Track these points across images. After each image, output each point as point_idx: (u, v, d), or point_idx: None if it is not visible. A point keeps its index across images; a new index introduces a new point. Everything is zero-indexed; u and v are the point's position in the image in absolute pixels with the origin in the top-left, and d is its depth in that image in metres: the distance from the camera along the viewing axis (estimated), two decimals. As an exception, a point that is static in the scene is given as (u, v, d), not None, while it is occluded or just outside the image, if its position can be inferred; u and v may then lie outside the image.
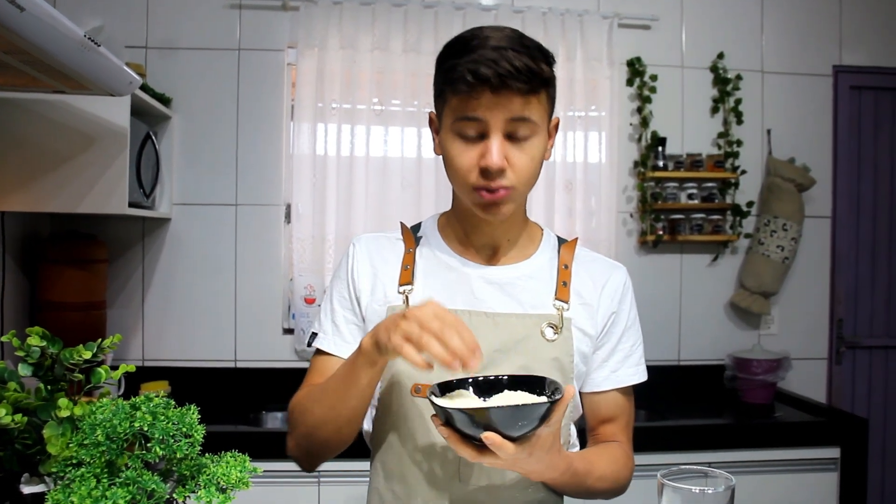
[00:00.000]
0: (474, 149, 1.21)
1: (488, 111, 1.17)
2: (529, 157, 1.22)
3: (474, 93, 1.17)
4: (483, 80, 1.15)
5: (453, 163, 1.24)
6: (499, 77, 1.14)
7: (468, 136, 1.21)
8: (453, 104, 1.21)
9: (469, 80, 1.16)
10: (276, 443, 2.55)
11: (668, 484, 0.95)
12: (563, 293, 1.34)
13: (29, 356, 1.09)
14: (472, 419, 1.00)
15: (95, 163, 2.47)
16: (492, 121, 1.18)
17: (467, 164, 1.22)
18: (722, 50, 3.33)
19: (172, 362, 3.10)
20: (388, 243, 1.41)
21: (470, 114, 1.19)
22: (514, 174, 1.21)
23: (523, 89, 1.17)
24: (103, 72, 1.89)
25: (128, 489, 0.93)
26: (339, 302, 1.39)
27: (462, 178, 1.23)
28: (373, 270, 1.37)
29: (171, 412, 1.00)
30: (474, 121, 1.19)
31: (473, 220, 1.34)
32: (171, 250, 3.12)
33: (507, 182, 1.21)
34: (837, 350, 3.44)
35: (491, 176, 1.20)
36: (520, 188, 1.24)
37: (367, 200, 3.07)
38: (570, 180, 3.17)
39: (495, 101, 1.17)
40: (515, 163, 1.21)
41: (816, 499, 2.75)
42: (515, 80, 1.15)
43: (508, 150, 1.20)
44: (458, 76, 1.17)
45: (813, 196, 3.37)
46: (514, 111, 1.18)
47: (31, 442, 1.06)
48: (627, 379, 1.40)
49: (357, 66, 3.09)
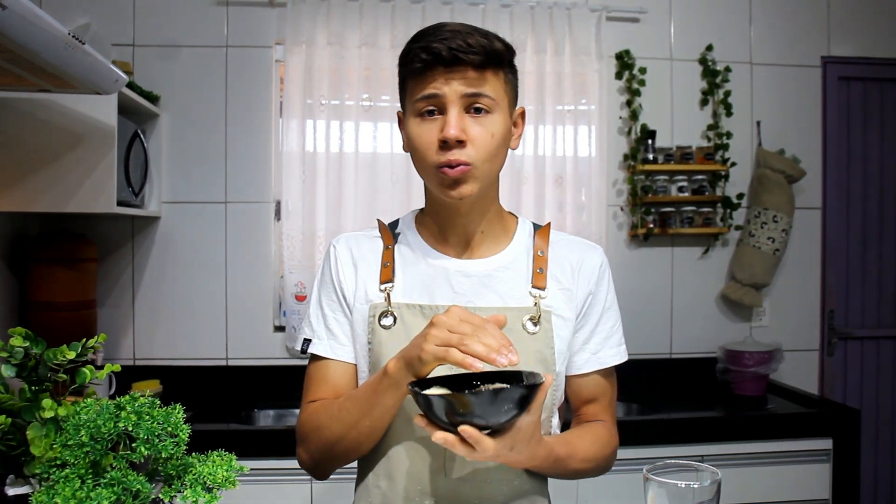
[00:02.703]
0: (434, 125, 1.24)
1: (443, 85, 1.21)
2: (489, 132, 1.24)
3: (429, 71, 1.22)
4: (435, 55, 1.20)
5: (415, 143, 1.26)
6: (450, 51, 1.20)
7: (427, 114, 1.24)
8: (411, 87, 1.26)
9: (423, 58, 1.21)
10: (268, 441, 2.56)
11: (654, 479, 0.95)
12: (540, 280, 1.34)
13: (12, 357, 1.08)
14: (451, 406, 0.99)
15: (83, 162, 2.46)
16: (448, 94, 1.22)
17: (427, 141, 1.24)
18: (711, 42, 3.33)
19: (163, 361, 3.09)
20: (366, 242, 1.41)
21: (427, 91, 1.22)
22: (473, 149, 1.23)
23: (476, 62, 1.21)
24: (89, 70, 1.88)
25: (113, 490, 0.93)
26: (329, 306, 1.39)
27: (424, 157, 1.25)
28: (355, 269, 1.37)
29: (156, 412, 1.00)
30: (431, 98, 1.23)
31: (446, 213, 1.34)
32: (160, 249, 3.11)
33: (466, 157, 1.22)
34: (829, 341, 3.45)
35: (449, 148, 1.21)
36: (480, 165, 1.24)
37: (357, 196, 3.06)
38: (560, 174, 3.17)
39: (449, 76, 1.22)
40: (474, 137, 1.23)
41: (809, 490, 2.75)
42: (467, 53, 1.20)
43: (467, 123, 1.23)
44: (412, 57, 1.23)
45: (803, 187, 3.38)
46: (468, 84, 1.22)
47: (16, 443, 1.06)
48: (609, 360, 1.41)
49: (345, 62, 3.08)
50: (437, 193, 1.29)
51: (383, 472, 1.31)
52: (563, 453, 1.24)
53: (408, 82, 1.28)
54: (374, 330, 1.31)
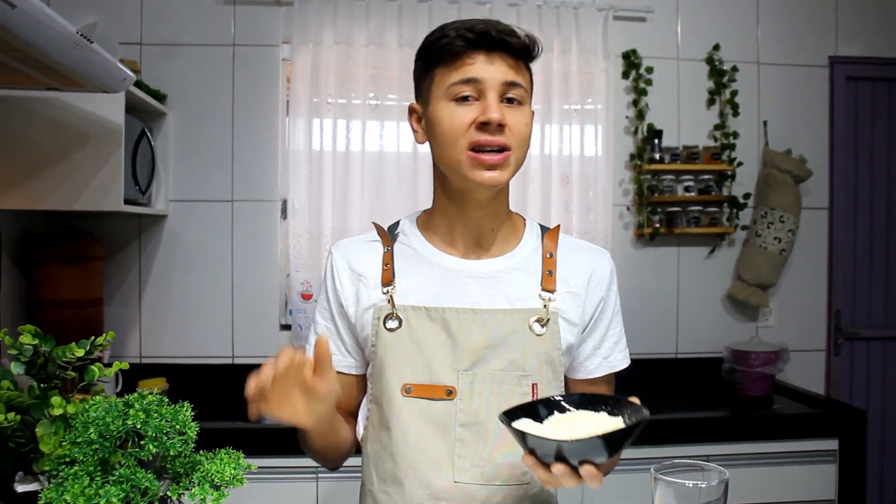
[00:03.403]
0: (469, 109, 1.23)
1: (485, 72, 1.22)
2: (524, 124, 1.25)
3: (470, 52, 1.22)
4: (480, 35, 1.21)
5: (446, 126, 1.24)
6: (498, 32, 1.21)
7: (465, 96, 1.23)
8: (447, 74, 1.24)
9: (468, 37, 1.21)
10: (274, 439, 2.56)
11: (662, 478, 0.95)
12: (549, 282, 1.33)
13: (21, 354, 1.09)
14: (582, 448, 0.95)
15: (91, 160, 2.47)
16: (489, 79, 1.22)
17: (462, 123, 1.23)
18: (717, 41, 3.32)
19: (170, 359, 3.10)
20: (365, 246, 1.40)
21: (468, 75, 1.22)
22: (511, 136, 1.23)
23: (518, 47, 1.23)
24: (97, 68, 1.88)
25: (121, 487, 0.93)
26: (320, 314, 1.41)
27: (456, 139, 1.23)
28: (354, 276, 1.36)
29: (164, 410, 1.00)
30: (471, 82, 1.22)
31: (458, 210, 1.33)
32: (167, 247, 3.11)
33: (506, 140, 1.23)
34: (835, 341, 3.44)
35: (490, 130, 1.21)
36: (516, 152, 1.25)
37: (364, 195, 3.07)
38: (566, 174, 3.16)
39: (491, 58, 1.22)
40: (512, 124, 1.23)
41: (815, 490, 2.75)
42: (511, 36, 1.21)
43: (504, 110, 1.23)
44: (449, 42, 1.22)
45: (810, 187, 3.37)
46: (508, 72, 1.23)
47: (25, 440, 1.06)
48: (618, 364, 1.42)
49: (352, 61, 3.08)
50: (461, 183, 1.27)
51: (390, 477, 1.31)
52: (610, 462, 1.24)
53: (436, 69, 1.26)
54: (379, 332, 1.31)
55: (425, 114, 1.30)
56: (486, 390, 1.27)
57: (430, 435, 1.27)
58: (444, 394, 1.27)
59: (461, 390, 1.27)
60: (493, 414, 1.27)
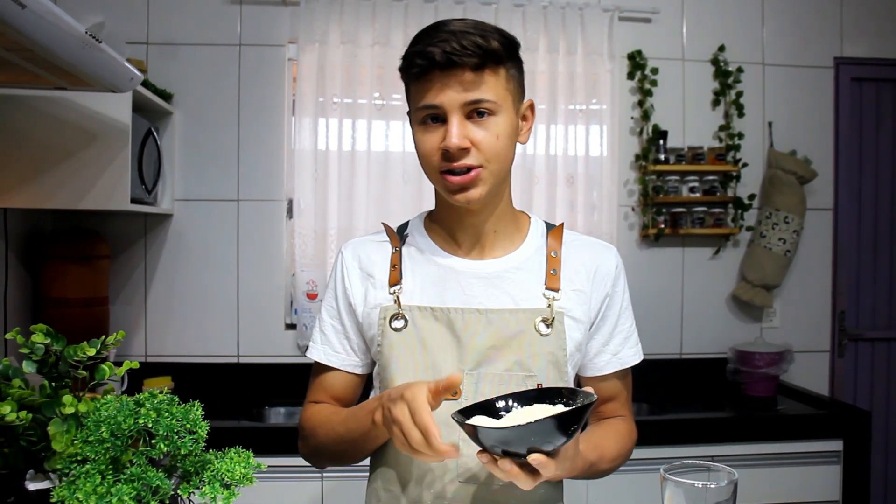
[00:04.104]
0: (437, 133, 1.23)
1: (441, 93, 1.20)
2: (493, 135, 1.23)
3: (426, 76, 1.21)
4: (430, 59, 1.19)
5: (420, 150, 1.27)
6: (445, 55, 1.18)
7: (429, 122, 1.24)
8: (412, 93, 1.26)
9: (418, 63, 1.20)
10: (279, 438, 2.57)
11: (671, 479, 0.96)
12: (553, 281, 1.34)
13: (33, 353, 1.09)
14: (521, 435, 0.97)
15: (97, 159, 2.48)
16: (446, 103, 1.20)
17: (429, 149, 1.24)
18: (723, 42, 3.32)
19: (175, 358, 3.10)
20: (374, 246, 1.41)
21: (427, 102, 1.22)
22: (479, 152, 1.22)
23: (471, 64, 1.19)
24: (104, 68, 1.89)
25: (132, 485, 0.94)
26: (328, 312, 1.41)
27: (428, 163, 1.26)
28: (364, 275, 1.38)
29: (174, 409, 1.01)
30: (431, 108, 1.22)
31: (456, 215, 1.34)
32: (173, 246, 3.12)
33: (473, 160, 1.22)
34: (840, 342, 3.44)
35: (452, 157, 1.21)
36: (488, 167, 1.24)
37: (369, 195, 3.07)
38: (571, 174, 3.17)
39: (445, 82, 1.20)
40: (479, 141, 1.22)
41: (820, 491, 2.75)
42: (462, 55, 1.18)
43: (470, 129, 1.22)
44: (409, 62, 1.23)
45: (814, 188, 3.37)
46: (466, 90, 1.20)
47: (36, 439, 1.07)
48: (629, 360, 1.42)
49: (358, 60, 3.08)
50: (445, 197, 1.30)
51: (393, 476, 1.32)
52: (594, 458, 1.25)
53: (410, 87, 1.28)
54: (385, 332, 1.31)
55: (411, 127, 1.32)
56: (492, 390, 1.27)
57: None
58: (449, 394, 1.27)
59: (466, 390, 1.27)
60: None
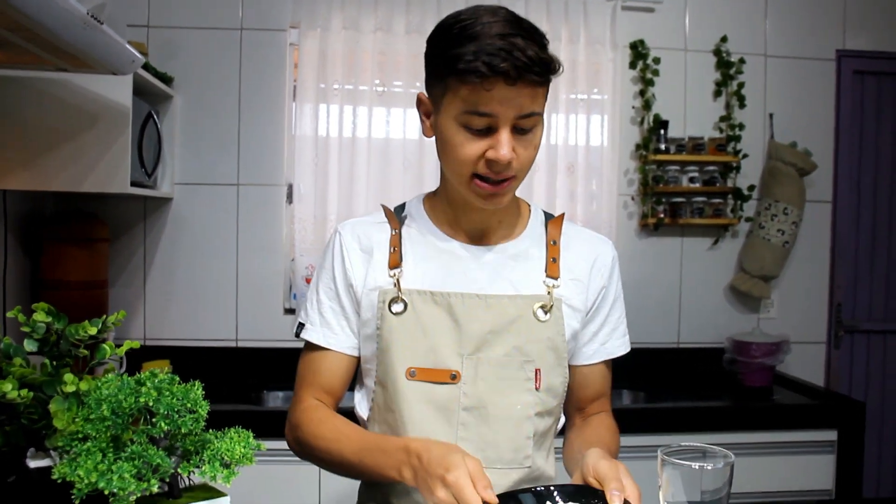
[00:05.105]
0: (481, 141, 1.19)
1: (500, 105, 1.15)
2: (533, 147, 1.23)
3: (486, 84, 1.13)
4: (499, 72, 1.12)
5: (456, 152, 1.22)
6: (516, 69, 1.12)
7: (475, 128, 1.19)
8: (461, 94, 1.17)
9: (483, 72, 1.12)
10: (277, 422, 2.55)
11: (669, 461, 0.96)
12: (553, 269, 1.35)
13: (35, 332, 1.10)
14: None
15: (98, 142, 2.47)
16: (503, 115, 1.16)
17: (472, 156, 1.20)
18: (725, 33, 3.32)
19: (174, 341, 3.11)
20: (373, 226, 1.40)
21: (482, 109, 1.16)
22: (517, 164, 1.21)
23: (538, 81, 1.16)
24: (106, 50, 1.88)
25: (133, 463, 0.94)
26: (325, 293, 1.38)
27: (462, 167, 1.22)
28: (364, 256, 1.36)
29: (175, 388, 1.01)
30: (485, 116, 1.17)
31: (463, 204, 1.33)
32: (172, 230, 3.12)
33: (511, 171, 1.22)
34: (836, 334, 3.46)
35: (498, 168, 1.20)
36: (520, 177, 1.25)
37: (369, 181, 3.07)
38: (571, 163, 3.17)
39: (508, 95, 1.14)
40: (520, 154, 1.21)
41: (813, 480, 2.77)
42: (530, 72, 1.13)
43: (514, 142, 1.19)
44: (469, 67, 1.13)
45: (814, 180, 3.37)
46: (524, 105, 1.16)
47: (37, 417, 1.08)
48: (616, 350, 1.43)
49: (359, 46, 3.08)
50: (467, 198, 1.28)
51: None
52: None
53: (452, 84, 1.18)
54: (384, 316, 1.31)
55: (435, 118, 1.26)
56: (490, 375, 1.28)
57: (434, 418, 1.29)
58: (448, 378, 1.28)
59: (465, 375, 1.28)
60: (496, 399, 1.28)
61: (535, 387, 1.30)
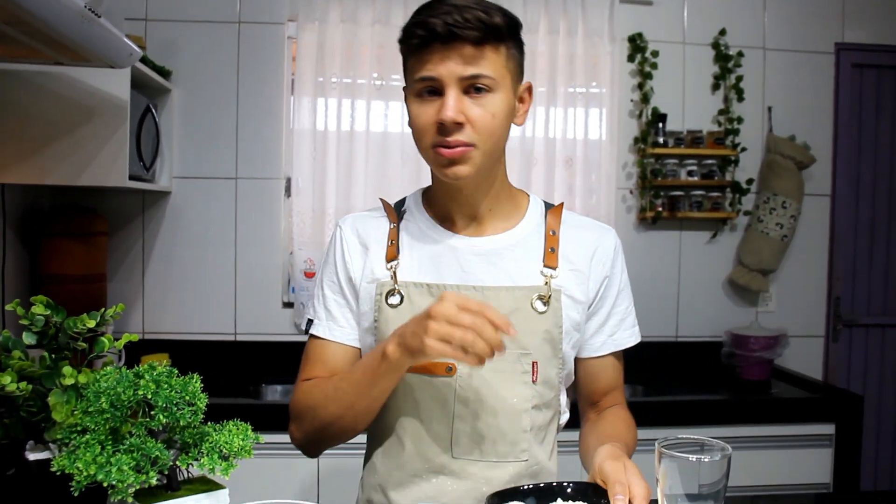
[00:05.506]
0: (432, 106, 1.22)
1: (440, 65, 1.19)
2: (489, 113, 1.22)
3: (426, 48, 1.20)
4: (431, 31, 1.17)
5: (414, 123, 1.26)
6: (446, 27, 1.16)
7: (425, 95, 1.23)
8: (410, 65, 1.24)
9: (419, 34, 1.19)
10: (275, 415, 2.57)
11: (666, 453, 0.97)
12: (552, 259, 1.34)
13: (33, 325, 1.10)
14: None
15: (96, 135, 2.47)
16: (445, 75, 1.19)
17: (425, 122, 1.23)
18: (724, 26, 3.31)
19: (172, 335, 3.11)
20: (372, 221, 1.41)
21: (424, 73, 1.21)
22: (473, 130, 1.21)
23: (473, 38, 1.18)
24: (103, 43, 1.88)
25: (132, 456, 0.95)
26: (329, 287, 1.39)
27: (422, 137, 1.25)
28: (363, 249, 1.37)
29: (174, 381, 1.02)
30: (429, 80, 1.21)
31: (450, 192, 1.34)
32: (171, 224, 3.12)
33: (466, 138, 1.21)
34: (834, 328, 3.46)
35: (447, 131, 1.20)
36: (480, 146, 1.23)
37: (367, 175, 3.07)
38: (570, 157, 3.17)
39: (446, 54, 1.19)
40: (474, 118, 1.21)
41: (811, 474, 2.77)
42: (463, 28, 1.17)
43: (466, 105, 1.21)
44: (409, 33, 1.22)
45: (813, 174, 3.37)
46: (466, 64, 1.19)
47: (36, 409, 1.08)
48: (624, 342, 1.42)
49: (357, 40, 3.07)
50: (435, 173, 1.30)
51: (391, 450, 1.32)
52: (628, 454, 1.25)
53: (408, 60, 1.26)
54: (381, 308, 1.31)
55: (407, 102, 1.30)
56: (486, 367, 1.27)
57: (430, 411, 1.29)
58: (443, 370, 1.28)
59: (461, 367, 1.27)
60: (492, 391, 1.28)
61: (532, 380, 1.30)
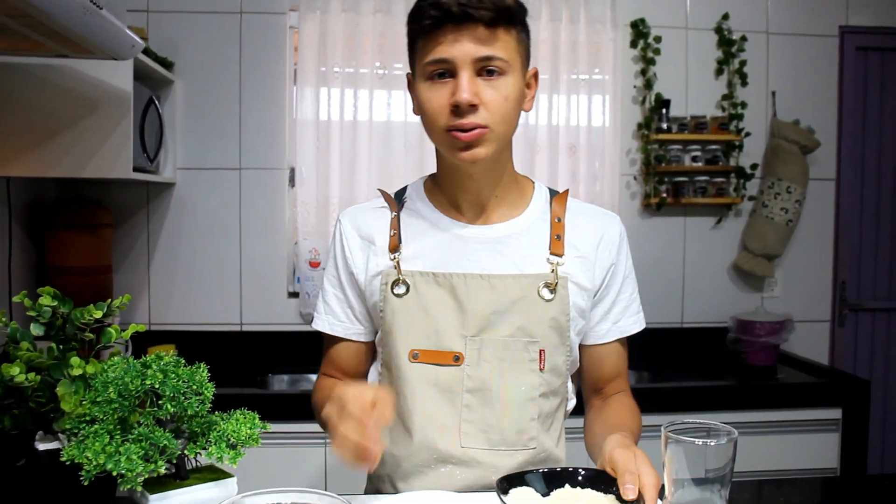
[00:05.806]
0: (445, 88, 1.22)
1: (453, 46, 1.19)
2: (502, 95, 1.22)
3: (439, 29, 1.20)
4: (445, 11, 1.17)
5: (426, 107, 1.25)
6: (460, 7, 1.16)
7: (436, 78, 1.22)
8: (421, 48, 1.24)
9: (432, 14, 1.18)
10: (282, 405, 2.59)
11: (673, 437, 0.97)
12: (558, 247, 1.33)
13: (41, 316, 1.10)
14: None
15: (99, 127, 2.47)
16: (458, 57, 1.19)
17: (438, 105, 1.22)
18: (727, 11, 3.29)
19: (178, 326, 3.12)
20: (372, 212, 1.41)
21: (437, 55, 1.20)
22: (487, 112, 1.21)
23: (486, 18, 1.18)
24: (106, 35, 1.88)
25: (140, 445, 0.95)
26: (329, 281, 1.41)
27: (434, 121, 1.24)
28: (364, 243, 1.37)
29: (181, 370, 1.02)
30: (442, 62, 1.20)
31: (458, 178, 1.33)
32: (175, 215, 3.13)
33: (481, 119, 1.21)
34: (840, 312, 3.46)
35: (462, 113, 1.20)
36: (495, 128, 1.23)
37: (371, 164, 3.07)
38: (573, 143, 3.16)
39: (458, 35, 1.19)
40: (488, 100, 1.21)
41: (818, 459, 2.78)
42: (477, 8, 1.16)
43: (479, 87, 1.21)
44: (421, 14, 1.21)
45: (817, 158, 3.36)
46: (479, 45, 1.19)
47: (45, 400, 1.08)
48: (629, 328, 1.41)
49: (359, 29, 3.06)
50: (448, 157, 1.28)
51: (399, 440, 1.32)
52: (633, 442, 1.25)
53: (417, 42, 1.26)
54: (387, 298, 1.32)
55: (414, 87, 1.30)
56: (494, 357, 1.28)
57: (438, 400, 1.29)
58: (451, 360, 1.28)
59: (468, 356, 1.28)
60: (500, 380, 1.28)
61: (539, 368, 1.30)
